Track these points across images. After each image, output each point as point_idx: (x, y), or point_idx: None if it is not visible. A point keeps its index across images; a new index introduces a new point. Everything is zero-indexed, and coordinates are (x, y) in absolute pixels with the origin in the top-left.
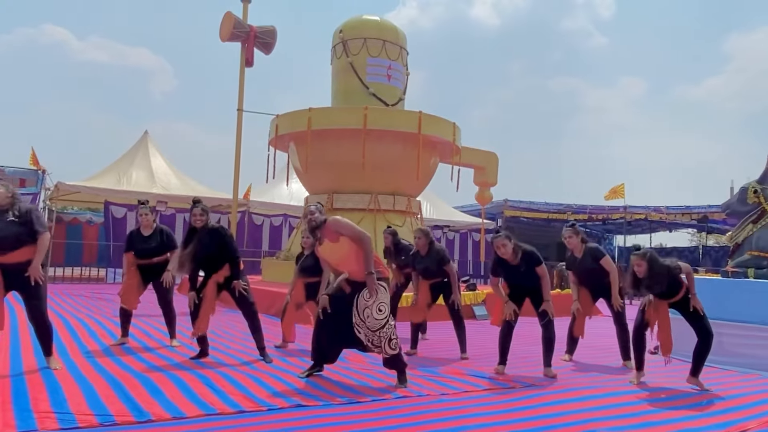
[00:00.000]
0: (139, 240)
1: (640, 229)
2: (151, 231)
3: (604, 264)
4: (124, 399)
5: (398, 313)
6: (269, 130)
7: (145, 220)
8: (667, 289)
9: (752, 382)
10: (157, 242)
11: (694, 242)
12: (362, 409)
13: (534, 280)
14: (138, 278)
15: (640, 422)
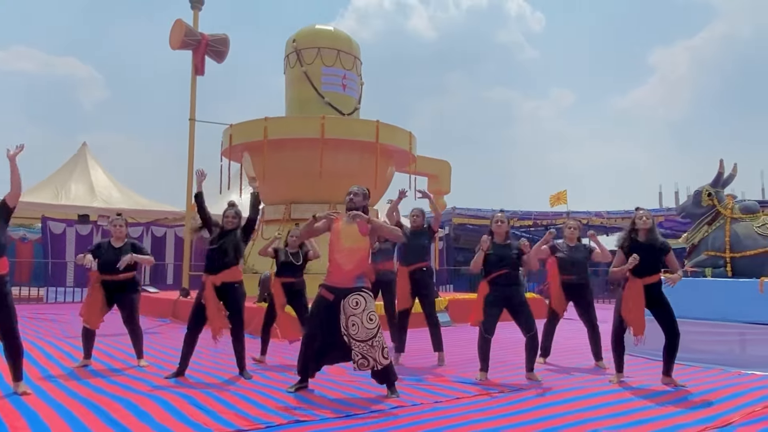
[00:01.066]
0: (108, 251)
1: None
2: (122, 243)
3: None
4: (110, 423)
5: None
6: (222, 140)
7: (119, 231)
8: (648, 262)
9: (720, 376)
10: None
11: None
12: (361, 422)
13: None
14: (102, 296)
15: (632, 420)
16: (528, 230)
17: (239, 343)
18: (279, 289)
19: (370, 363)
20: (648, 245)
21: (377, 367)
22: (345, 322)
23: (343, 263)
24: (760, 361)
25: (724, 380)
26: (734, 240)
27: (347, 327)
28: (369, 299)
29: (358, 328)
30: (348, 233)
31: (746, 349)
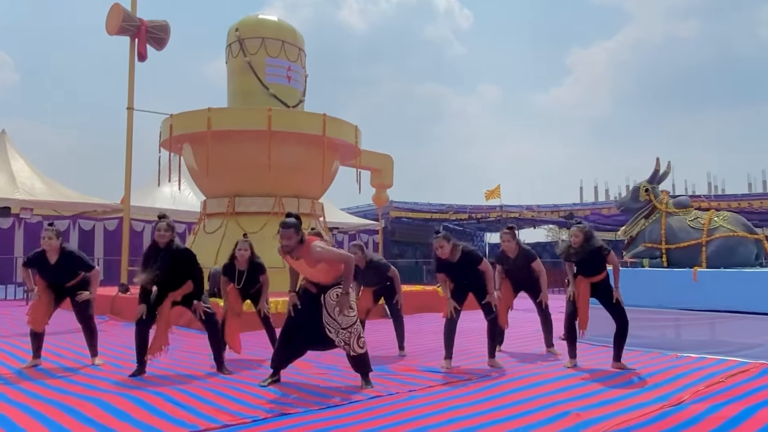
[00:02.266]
0: (46, 269)
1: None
2: (57, 256)
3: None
4: (91, 424)
5: None
6: (161, 130)
7: (49, 245)
8: (592, 265)
9: (659, 359)
10: (66, 273)
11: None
12: (343, 413)
13: (476, 277)
14: (49, 298)
15: (595, 402)
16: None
17: (215, 342)
18: (235, 298)
19: (350, 348)
20: (589, 252)
21: (351, 354)
22: (330, 314)
23: (315, 280)
24: (693, 344)
25: (664, 363)
26: (669, 233)
27: (333, 316)
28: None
29: (340, 314)
30: (303, 268)
31: (681, 334)
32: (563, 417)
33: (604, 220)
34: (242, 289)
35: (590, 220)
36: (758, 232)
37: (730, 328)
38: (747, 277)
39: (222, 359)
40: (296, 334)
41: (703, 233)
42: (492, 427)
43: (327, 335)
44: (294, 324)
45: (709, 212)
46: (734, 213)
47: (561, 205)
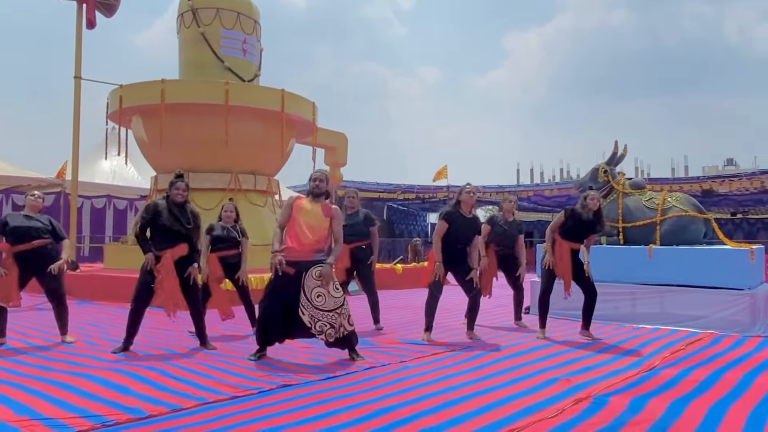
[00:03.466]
0: (18, 219)
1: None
2: (36, 216)
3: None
4: (94, 399)
5: None
6: (108, 101)
7: (35, 203)
8: (583, 233)
9: (618, 330)
10: (42, 223)
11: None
12: (344, 383)
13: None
14: (17, 270)
15: (577, 369)
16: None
17: (198, 315)
18: (216, 264)
19: (337, 331)
20: (588, 221)
21: (344, 333)
22: (308, 296)
23: (303, 236)
24: (648, 316)
25: (625, 333)
26: (626, 212)
27: (311, 299)
28: (329, 271)
29: (324, 298)
30: (314, 214)
31: (636, 307)
32: (555, 382)
33: (544, 201)
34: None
35: (532, 201)
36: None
37: (681, 300)
38: (697, 253)
39: (205, 334)
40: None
41: (657, 213)
42: (492, 393)
43: (300, 318)
44: (273, 303)
45: (662, 193)
46: (685, 194)
47: (506, 186)
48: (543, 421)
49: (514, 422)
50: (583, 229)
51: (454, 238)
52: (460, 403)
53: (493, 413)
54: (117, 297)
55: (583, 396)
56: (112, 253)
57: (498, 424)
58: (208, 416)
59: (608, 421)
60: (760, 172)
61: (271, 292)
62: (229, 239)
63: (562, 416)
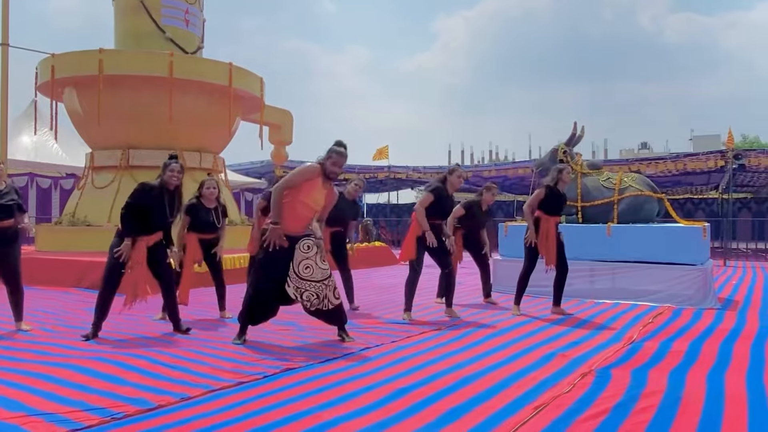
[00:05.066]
0: None
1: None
2: (4, 186)
3: None
4: (85, 389)
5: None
6: (38, 71)
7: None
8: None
9: (581, 306)
10: (12, 200)
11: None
12: (345, 365)
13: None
14: None
15: (566, 343)
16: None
17: (172, 299)
18: (195, 245)
19: (322, 302)
20: (562, 195)
21: (329, 306)
22: (296, 268)
23: (303, 213)
24: (606, 291)
25: (590, 309)
26: (584, 191)
27: (299, 271)
28: (320, 244)
29: (312, 269)
30: (318, 197)
31: (595, 283)
32: (553, 357)
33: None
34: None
35: (471, 182)
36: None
37: (638, 276)
38: (653, 231)
39: (178, 317)
40: (268, 293)
41: (615, 192)
42: (501, 369)
43: (285, 289)
44: (266, 283)
45: (619, 173)
46: (640, 174)
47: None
48: (562, 396)
49: (535, 398)
50: (560, 203)
51: (432, 213)
52: (475, 380)
53: (512, 390)
54: (56, 281)
55: (586, 370)
56: (45, 235)
57: (521, 400)
58: (221, 404)
59: (621, 393)
60: (684, 155)
61: (261, 268)
62: (211, 223)
63: (576, 390)
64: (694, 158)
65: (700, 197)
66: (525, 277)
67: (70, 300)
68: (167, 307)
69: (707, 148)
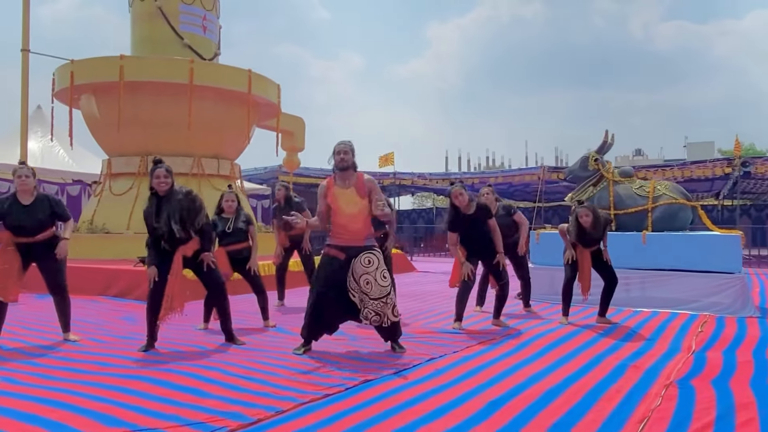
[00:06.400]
0: (17, 211)
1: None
2: (33, 199)
3: (517, 218)
4: (173, 404)
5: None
6: (55, 78)
7: (24, 183)
8: (595, 240)
9: (623, 315)
10: (43, 214)
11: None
12: (420, 377)
13: (485, 233)
14: (18, 261)
15: (629, 354)
16: None
17: (223, 309)
18: (224, 259)
19: (381, 319)
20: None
21: (386, 324)
22: (357, 280)
23: (349, 224)
24: (643, 300)
25: (630, 318)
26: (617, 199)
27: (359, 286)
28: (380, 257)
29: (372, 286)
30: (348, 199)
31: (630, 292)
32: (626, 369)
33: None
34: (230, 242)
35: (475, 188)
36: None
37: (675, 285)
38: (691, 239)
39: (231, 328)
40: (327, 303)
41: (648, 200)
42: (578, 383)
43: (351, 300)
44: (323, 296)
45: (652, 181)
46: (672, 182)
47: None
48: (657, 409)
49: (631, 412)
50: (592, 238)
51: (468, 239)
52: (563, 393)
53: (604, 403)
54: (83, 290)
55: (665, 382)
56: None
57: (618, 413)
58: (318, 417)
59: (713, 406)
60: (690, 162)
61: (319, 280)
62: (235, 232)
63: (666, 403)
64: (701, 165)
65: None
66: (568, 287)
67: (103, 309)
68: (220, 317)
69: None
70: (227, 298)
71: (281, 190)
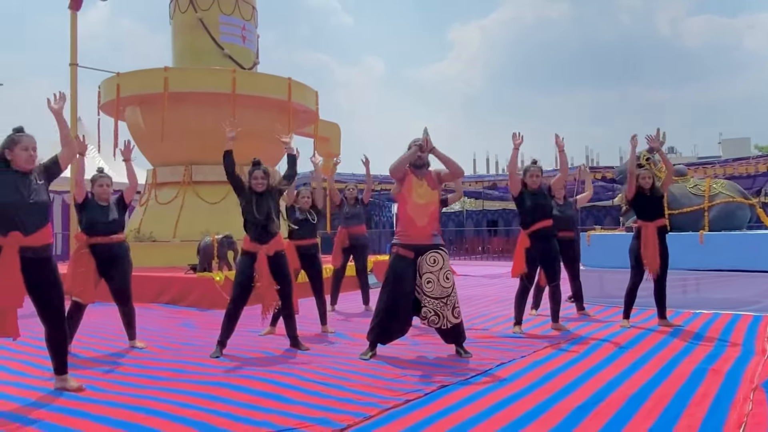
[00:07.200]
0: (94, 211)
1: None
2: (107, 204)
3: None
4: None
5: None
6: (101, 91)
7: (104, 191)
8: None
9: (683, 317)
10: (118, 213)
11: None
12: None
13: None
14: (94, 264)
15: (703, 357)
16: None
17: (290, 315)
18: (293, 253)
19: (441, 320)
20: (654, 196)
21: (447, 326)
22: (419, 279)
23: (417, 219)
24: (701, 302)
25: (692, 320)
26: (671, 199)
27: (421, 284)
28: (446, 257)
29: (433, 285)
30: (424, 193)
31: (687, 293)
32: (705, 373)
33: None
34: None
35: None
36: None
37: (734, 285)
38: (749, 239)
39: (297, 334)
40: (397, 309)
41: (704, 199)
42: (659, 388)
43: (417, 297)
44: (395, 299)
45: (707, 180)
46: (729, 180)
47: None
48: (752, 414)
49: (725, 417)
50: (655, 205)
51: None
52: (647, 399)
53: (693, 409)
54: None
55: (750, 386)
56: None
57: (711, 420)
58: (408, 423)
59: None
60: (732, 159)
61: (389, 281)
62: (307, 226)
63: (760, 408)
64: (744, 162)
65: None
66: (633, 291)
67: (160, 316)
68: (286, 323)
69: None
70: (292, 304)
71: (353, 190)
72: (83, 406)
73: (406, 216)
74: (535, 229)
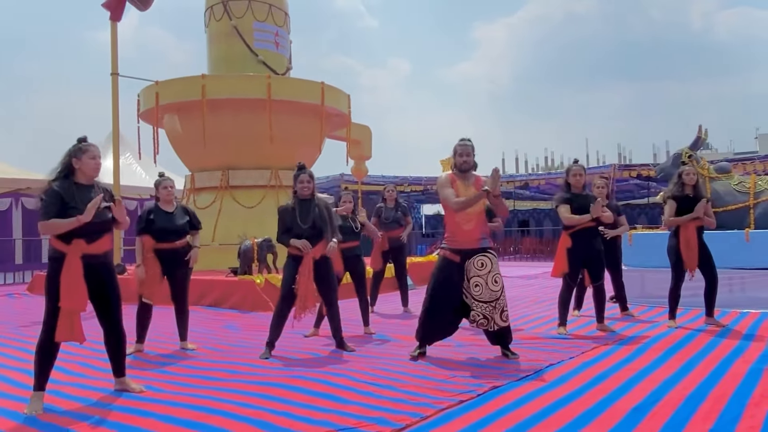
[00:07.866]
0: (162, 217)
1: None
2: (174, 207)
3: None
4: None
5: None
6: (140, 99)
7: (169, 194)
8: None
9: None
10: (183, 220)
11: None
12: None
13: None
14: (159, 268)
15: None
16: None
17: (335, 318)
18: (338, 259)
19: (489, 323)
20: (694, 198)
21: (494, 328)
22: (467, 283)
23: (464, 223)
24: (748, 301)
25: (741, 319)
26: (715, 197)
27: (469, 288)
28: (494, 260)
29: (481, 289)
30: (467, 195)
31: (734, 292)
32: (760, 372)
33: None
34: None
35: (541, 190)
36: None
37: None
38: None
39: (342, 336)
40: (442, 307)
41: (750, 197)
42: (715, 388)
43: (464, 300)
44: (439, 301)
45: (752, 177)
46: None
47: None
48: None
49: None
50: (696, 204)
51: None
52: (704, 399)
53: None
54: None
55: None
56: None
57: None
58: (465, 423)
59: None
60: None
61: (434, 283)
62: (348, 230)
63: None
64: None
65: None
66: (675, 291)
67: (203, 318)
68: (332, 326)
69: None
70: (337, 307)
71: (392, 192)
72: (147, 406)
73: (452, 221)
74: (578, 229)
